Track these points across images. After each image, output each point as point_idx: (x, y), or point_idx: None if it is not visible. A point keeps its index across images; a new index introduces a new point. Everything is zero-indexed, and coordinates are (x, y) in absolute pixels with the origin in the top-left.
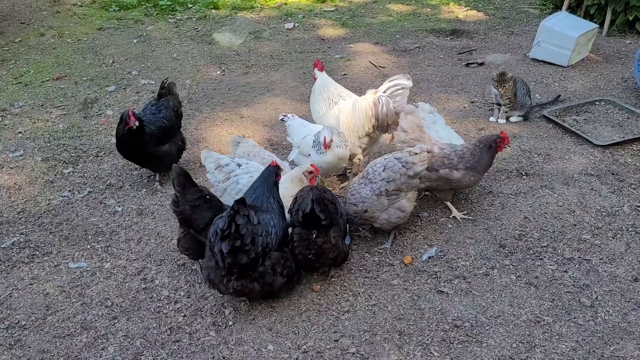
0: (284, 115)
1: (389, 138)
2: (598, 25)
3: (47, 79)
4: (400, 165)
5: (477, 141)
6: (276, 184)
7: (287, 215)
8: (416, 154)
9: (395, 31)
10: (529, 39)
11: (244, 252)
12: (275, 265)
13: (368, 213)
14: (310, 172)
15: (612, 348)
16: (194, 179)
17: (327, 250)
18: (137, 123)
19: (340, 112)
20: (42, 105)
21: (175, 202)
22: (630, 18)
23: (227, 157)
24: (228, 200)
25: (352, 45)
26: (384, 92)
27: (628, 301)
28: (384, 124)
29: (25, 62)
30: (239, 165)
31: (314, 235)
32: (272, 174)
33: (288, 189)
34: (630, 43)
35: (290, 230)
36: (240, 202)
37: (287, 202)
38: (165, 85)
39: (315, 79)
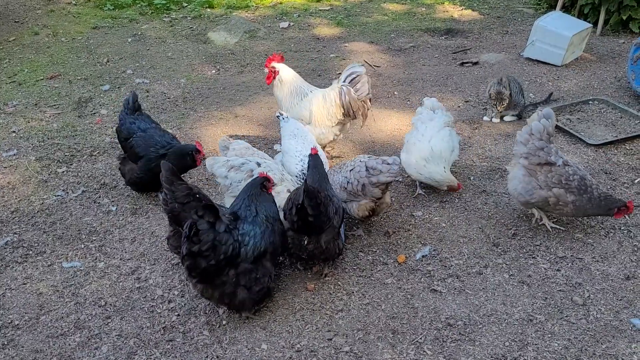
0: (280, 113)
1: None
2: (592, 25)
3: (41, 78)
4: (365, 172)
5: (605, 195)
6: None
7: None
8: (389, 164)
9: (390, 30)
10: (523, 38)
11: (202, 258)
12: (240, 276)
13: None
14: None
15: (604, 346)
16: (188, 178)
17: (317, 254)
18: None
19: (312, 103)
20: (36, 105)
21: (165, 200)
22: (624, 17)
23: (238, 157)
24: None
25: (347, 45)
26: (344, 81)
27: (620, 299)
28: (349, 112)
29: (19, 61)
30: (259, 165)
31: (305, 242)
32: (256, 185)
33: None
34: (623, 42)
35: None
36: (208, 207)
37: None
38: (137, 99)
39: (275, 72)
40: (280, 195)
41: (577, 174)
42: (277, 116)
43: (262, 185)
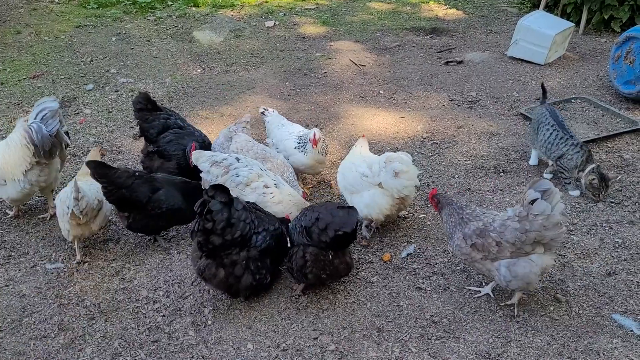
0: (264, 109)
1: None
2: (574, 24)
3: (24, 77)
4: None
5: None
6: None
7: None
8: None
9: (375, 29)
10: (508, 37)
11: (216, 235)
12: (251, 260)
13: None
14: None
15: (586, 342)
16: None
17: (341, 270)
18: None
19: None
20: (18, 104)
21: (108, 192)
22: (606, 17)
23: (221, 153)
24: None
25: (332, 44)
26: (34, 118)
27: (601, 295)
28: (45, 149)
29: (1, 61)
30: (238, 160)
31: (330, 256)
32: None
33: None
34: (605, 41)
35: (298, 248)
36: (218, 187)
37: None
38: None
39: None
40: (257, 190)
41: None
42: (262, 112)
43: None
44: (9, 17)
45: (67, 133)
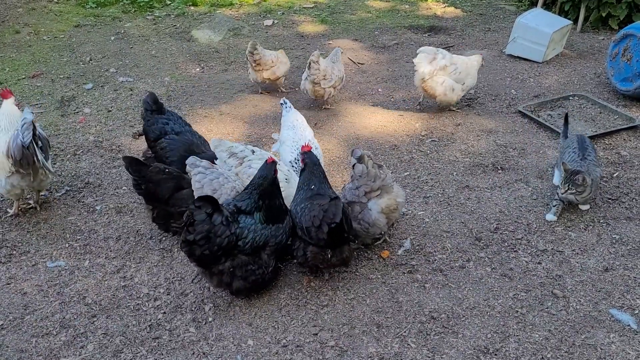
0: (284, 101)
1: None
2: (572, 22)
3: (24, 77)
4: None
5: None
6: (275, 183)
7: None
8: None
9: (374, 27)
10: (506, 35)
11: (197, 246)
12: (236, 268)
13: None
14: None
15: (583, 336)
16: None
17: (336, 264)
18: None
19: None
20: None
21: (137, 184)
22: (604, 14)
23: (240, 144)
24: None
25: (331, 42)
26: (21, 127)
27: (599, 291)
28: (16, 158)
29: (1, 60)
30: (253, 152)
31: (329, 255)
32: (266, 177)
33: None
34: (603, 39)
35: (299, 243)
36: (205, 198)
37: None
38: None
39: None
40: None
41: None
42: (281, 104)
43: (274, 173)
44: (7, 16)
45: (42, 148)
